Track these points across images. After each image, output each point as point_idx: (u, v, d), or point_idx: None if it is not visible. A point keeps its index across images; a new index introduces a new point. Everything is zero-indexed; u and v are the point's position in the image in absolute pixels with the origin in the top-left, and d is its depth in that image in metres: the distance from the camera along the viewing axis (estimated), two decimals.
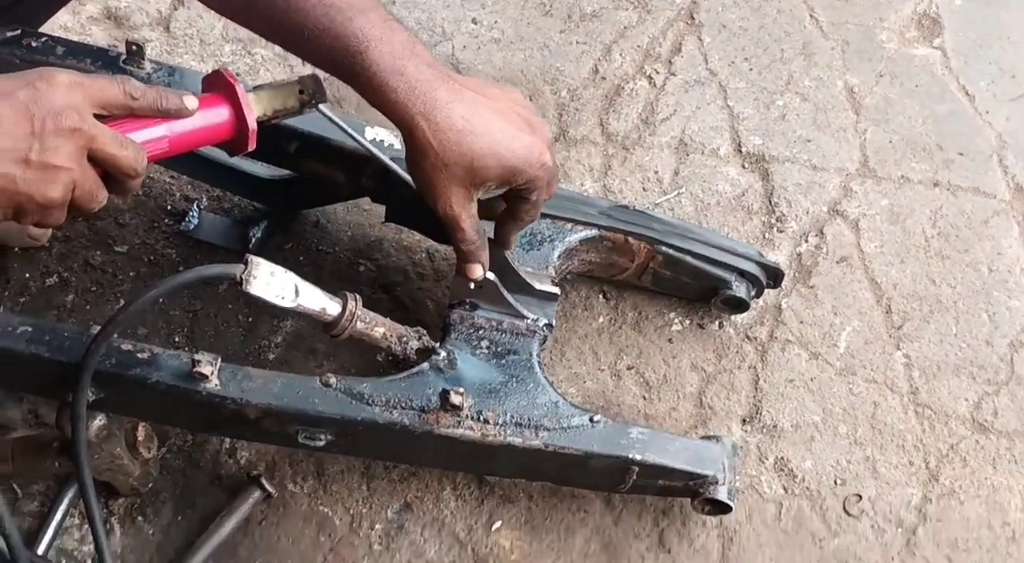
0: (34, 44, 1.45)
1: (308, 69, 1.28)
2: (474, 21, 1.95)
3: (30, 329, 1.29)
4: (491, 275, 1.40)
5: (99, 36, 1.83)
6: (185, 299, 1.61)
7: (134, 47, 1.44)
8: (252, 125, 1.20)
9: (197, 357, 1.27)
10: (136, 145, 1.07)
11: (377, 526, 1.48)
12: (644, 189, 1.76)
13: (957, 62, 2.01)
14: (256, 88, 1.25)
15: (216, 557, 1.44)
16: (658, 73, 1.91)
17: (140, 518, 1.47)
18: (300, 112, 1.29)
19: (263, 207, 1.68)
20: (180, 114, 1.13)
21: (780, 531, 1.52)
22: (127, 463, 1.38)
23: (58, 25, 1.74)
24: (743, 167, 1.79)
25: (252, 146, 1.21)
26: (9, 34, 1.47)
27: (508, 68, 1.88)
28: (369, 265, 1.66)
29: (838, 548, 1.51)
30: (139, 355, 1.29)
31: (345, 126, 1.37)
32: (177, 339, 1.59)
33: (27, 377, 1.35)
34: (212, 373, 1.27)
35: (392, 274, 1.66)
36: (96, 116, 1.04)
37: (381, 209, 1.58)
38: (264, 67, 1.83)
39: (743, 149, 1.81)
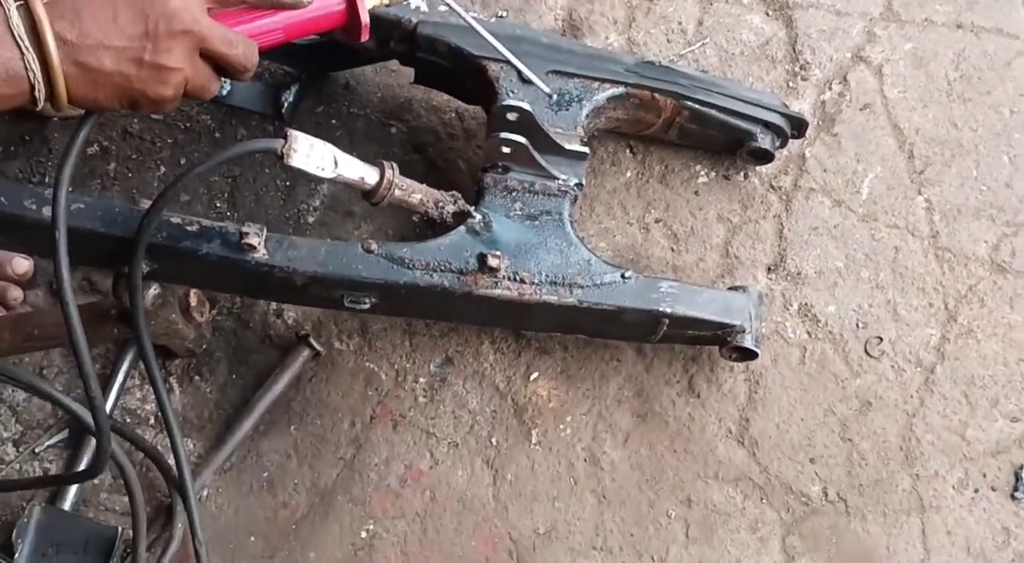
0: None
1: None
2: None
3: (83, 206, 1.35)
4: (521, 138, 1.44)
5: None
6: (225, 166, 1.65)
7: None
8: (365, 19, 1.21)
9: (244, 229, 1.33)
10: (246, 41, 1.10)
11: (421, 379, 1.57)
12: (668, 41, 1.76)
13: None
14: None
15: (271, 412, 1.53)
16: None
17: (197, 377, 1.55)
18: None
19: (293, 71, 1.70)
20: (296, 6, 1.15)
21: (804, 374, 1.60)
22: (182, 327, 1.45)
23: None
24: (767, 14, 1.78)
25: (365, 37, 1.22)
26: None
27: None
28: (400, 126, 1.69)
29: (859, 388, 1.60)
30: (188, 228, 1.35)
31: (484, 33, 1.42)
32: (219, 204, 1.64)
33: (82, 251, 1.41)
34: (259, 243, 1.34)
35: (423, 135, 1.69)
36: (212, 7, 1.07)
37: (410, 71, 1.61)
38: None
39: None
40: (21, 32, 0.94)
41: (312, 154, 1.26)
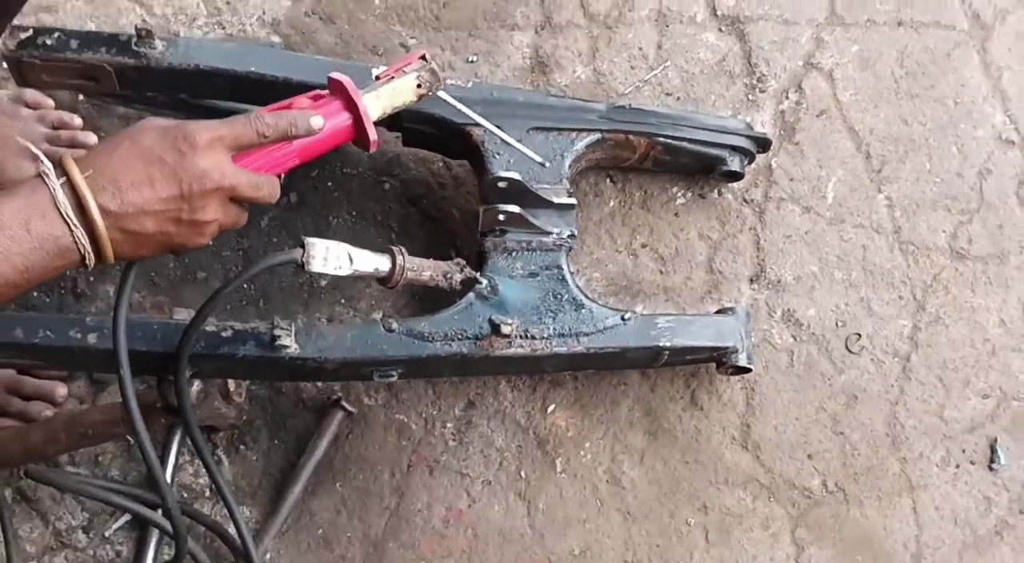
0: (48, 42, 1.53)
1: None
2: None
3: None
4: (515, 207, 1.55)
5: (82, 10, 1.82)
6: (232, 239, 1.75)
7: (143, 32, 1.52)
8: (373, 135, 1.29)
9: (276, 332, 1.44)
10: (269, 180, 1.19)
11: (448, 424, 1.70)
12: (632, 67, 1.87)
13: None
14: (377, 83, 1.34)
15: (316, 473, 1.66)
16: None
17: (242, 446, 1.68)
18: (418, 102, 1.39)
19: None
20: (309, 135, 1.23)
21: (794, 375, 1.75)
22: (224, 410, 1.57)
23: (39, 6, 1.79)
24: (720, 31, 1.89)
25: (374, 149, 1.31)
26: (23, 36, 1.54)
27: None
28: (392, 181, 1.79)
29: (845, 383, 1.76)
30: (223, 334, 1.45)
31: (465, 109, 1.51)
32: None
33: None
34: (290, 341, 1.45)
35: (415, 187, 1.79)
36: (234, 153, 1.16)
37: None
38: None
39: (718, 12, 1.90)
40: (68, 210, 1.03)
41: (329, 257, 1.36)
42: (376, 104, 1.33)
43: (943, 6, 1.92)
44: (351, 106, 1.29)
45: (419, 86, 1.37)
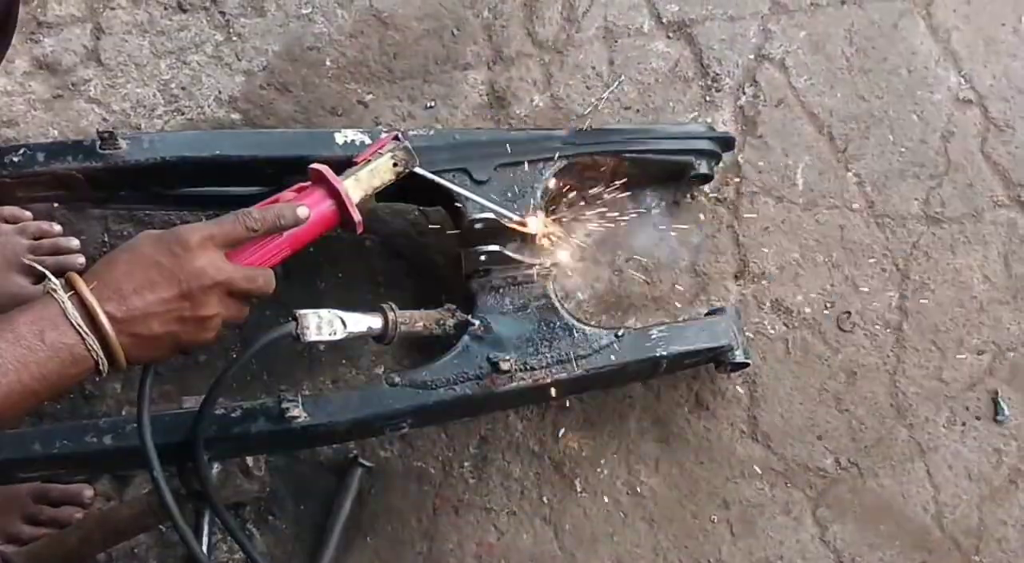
0: (16, 159, 1.55)
1: None
2: None
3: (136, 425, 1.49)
4: (495, 246, 1.59)
5: (41, 90, 1.86)
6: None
7: (106, 134, 1.55)
8: (357, 217, 1.35)
9: (284, 406, 1.48)
10: (264, 272, 1.24)
11: (466, 463, 1.74)
12: (587, 88, 1.90)
13: None
14: (355, 168, 1.40)
15: (345, 531, 1.69)
16: None
17: (270, 517, 1.71)
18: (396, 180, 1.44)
19: None
20: (297, 225, 1.28)
21: (792, 362, 1.79)
22: (247, 486, 1.61)
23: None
24: (669, 38, 1.92)
25: (360, 230, 1.36)
26: None
27: (426, 4, 1.95)
28: (373, 238, 1.82)
29: (843, 361, 1.79)
30: (233, 415, 1.49)
31: (444, 183, 1.56)
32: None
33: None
34: (299, 411, 1.49)
35: (396, 240, 1.82)
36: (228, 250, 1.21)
37: None
38: (205, 72, 1.89)
39: (664, 20, 1.94)
40: (78, 320, 1.07)
41: (322, 325, 1.40)
42: (356, 187, 1.39)
43: None
44: (333, 192, 1.35)
45: (395, 165, 1.44)
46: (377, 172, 1.42)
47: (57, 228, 1.74)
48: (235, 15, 1.89)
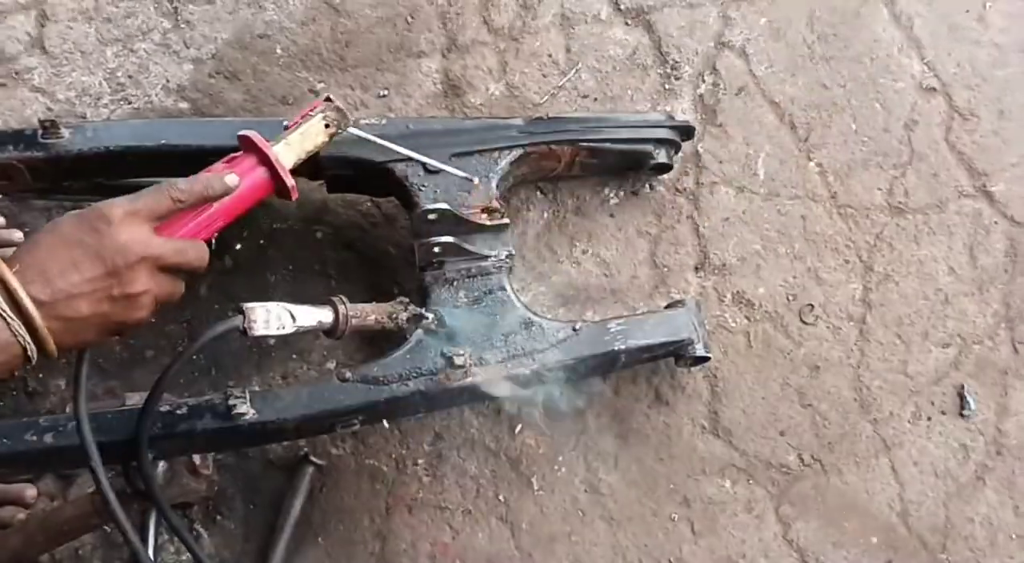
0: None
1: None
2: None
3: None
4: (449, 237, 1.54)
5: None
6: (174, 311, 1.72)
7: (47, 123, 1.50)
8: (290, 182, 1.30)
9: (231, 401, 1.43)
10: (195, 244, 1.20)
11: (420, 461, 1.69)
12: (544, 76, 1.86)
13: None
14: (286, 132, 1.35)
15: (296, 530, 1.65)
16: None
17: (219, 517, 1.66)
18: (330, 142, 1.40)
19: None
20: (226, 194, 1.24)
21: (754, 356, 1.75)
22: (194, 485, 1.56)
23: None
24: (627, 24, 1.89)
25: (295, 196, 1.32)
26: None
27: None
28: (324, 229, 1.78)
29: (806, 355, 1.76)
30: (179, 412, 1.43)
31: (383, 142, 1.52)
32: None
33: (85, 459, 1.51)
34: (247, 408, 1.44)
35: (349, 231, 1.78)
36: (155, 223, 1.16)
37: None
38: (152, 61, 1.84)
39: (621, 6, 1.90)
40: (2, 305, 1.03)
41: (270, 319, 1.35)
42: (288, 152, 1.34)
43: None
44: (264, 159, 1.30)
45: (327, 126, 1.39)
46: (309, 135, 1.37)
47: (0, 220, 1.69)
48: (183, 2, 1.84)
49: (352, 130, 1.44)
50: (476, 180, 1.61)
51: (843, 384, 1.75)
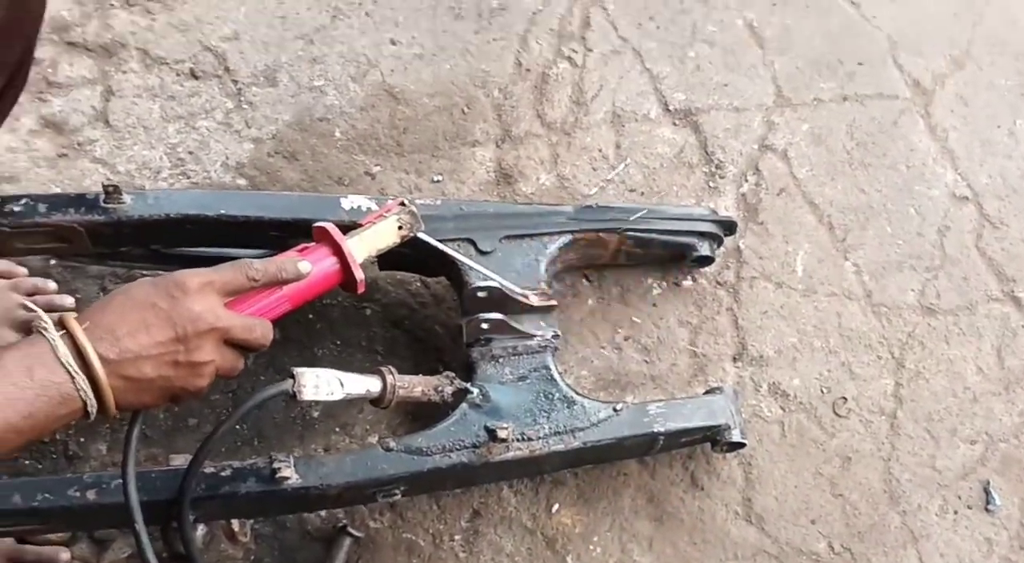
0: (16, 209, 1.53)
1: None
2: (393, 42, 2.06)
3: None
4: (498, 315, 1.60)
5: (46, 148, 1.87)
6: (220, 382, 1.74)
7: (110, 188, 1.54)
8: (359, 276, 1.35)
9: (275, 465, 1.46)
10: (262, 323, 1.23)
11: (456, 537, 1.71)
12: (594, 169, 1.94)
13: None
14: (360, 229, 1.39)
15: None
16: (576, 52, 2.06)
17: None
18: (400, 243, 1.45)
19: None
20: (298, 279, 1.27)
21: (787, 445, 1.78)
22: (231, 552, 1.59)
23: (3, 147, 1.82)
24: (675, 125, 1.97)
25: (362, 290, 1.36)
26: None
27: (438, 82, 2.01)
28: (373, 306, 1.83)
29: (838, 446, 1.79)
30: (223, 474, 1.46)
31: (446, 250, 1.58)
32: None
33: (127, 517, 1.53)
34: (291, 472, 1.47)
35: (397, 309, 1.83)
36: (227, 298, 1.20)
37: None
38: (213, 138, 1.92)
39: (670, 108, 1.99)
40: (69, 359, 1.05)
41: (320, 384, 1.39)
42: (360, 247, 1.39)
43: (883, 78, 2.01)
44: (337, 251, 1.35)
45: (400, 228, 1.44)
46: (381, 234, 1.42)
47: (52, 285, 1.73)
48: (247, 84, 1.93)
49: (422, 236, 1.49)
50: (519, 288, 1.65)
51: (874, 476, 1.77)
